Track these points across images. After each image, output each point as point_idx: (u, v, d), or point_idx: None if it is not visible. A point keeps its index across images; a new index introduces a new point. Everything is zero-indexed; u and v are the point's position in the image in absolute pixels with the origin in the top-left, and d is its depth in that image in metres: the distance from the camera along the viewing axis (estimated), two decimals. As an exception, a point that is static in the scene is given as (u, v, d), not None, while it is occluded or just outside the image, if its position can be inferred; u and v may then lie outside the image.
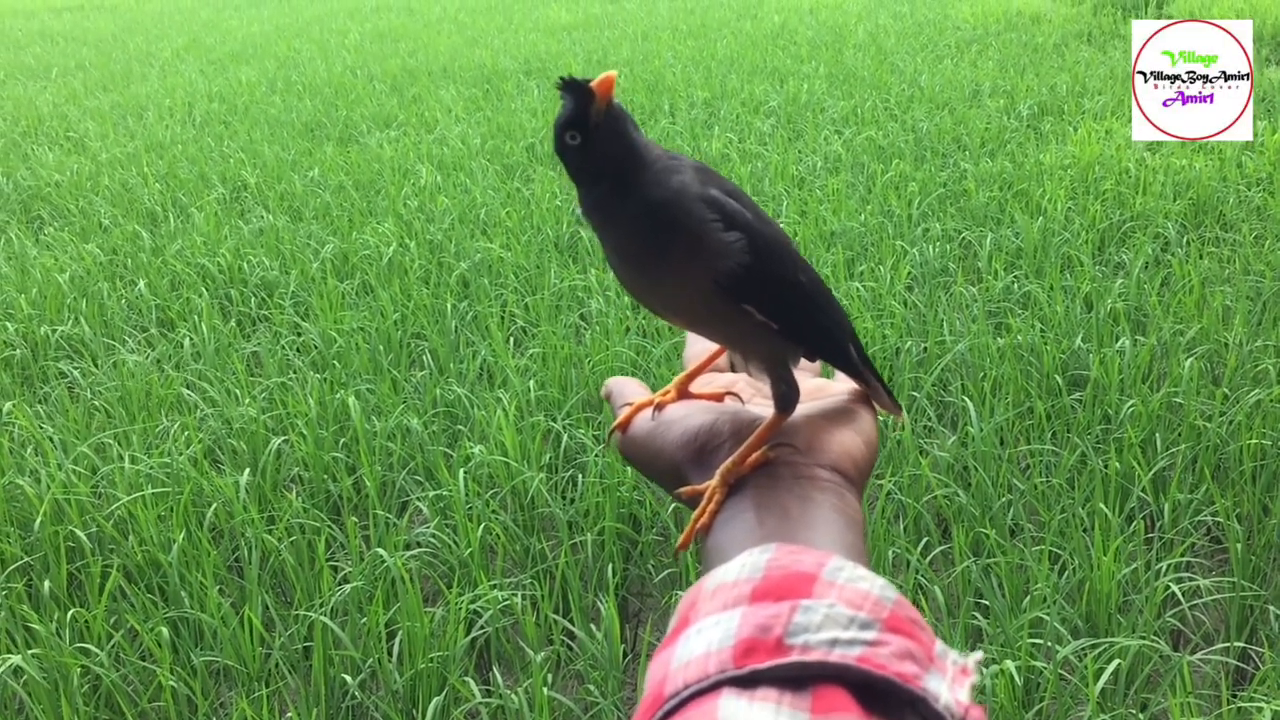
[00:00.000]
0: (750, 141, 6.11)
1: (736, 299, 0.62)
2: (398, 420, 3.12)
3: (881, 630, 0.42)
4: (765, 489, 0.58)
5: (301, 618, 2.43)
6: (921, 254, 4.20)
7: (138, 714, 2.21)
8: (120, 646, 2.34)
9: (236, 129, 7.38)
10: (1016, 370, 3.21)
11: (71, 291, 4.40)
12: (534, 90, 7.98)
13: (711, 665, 0.41)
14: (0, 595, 2.48)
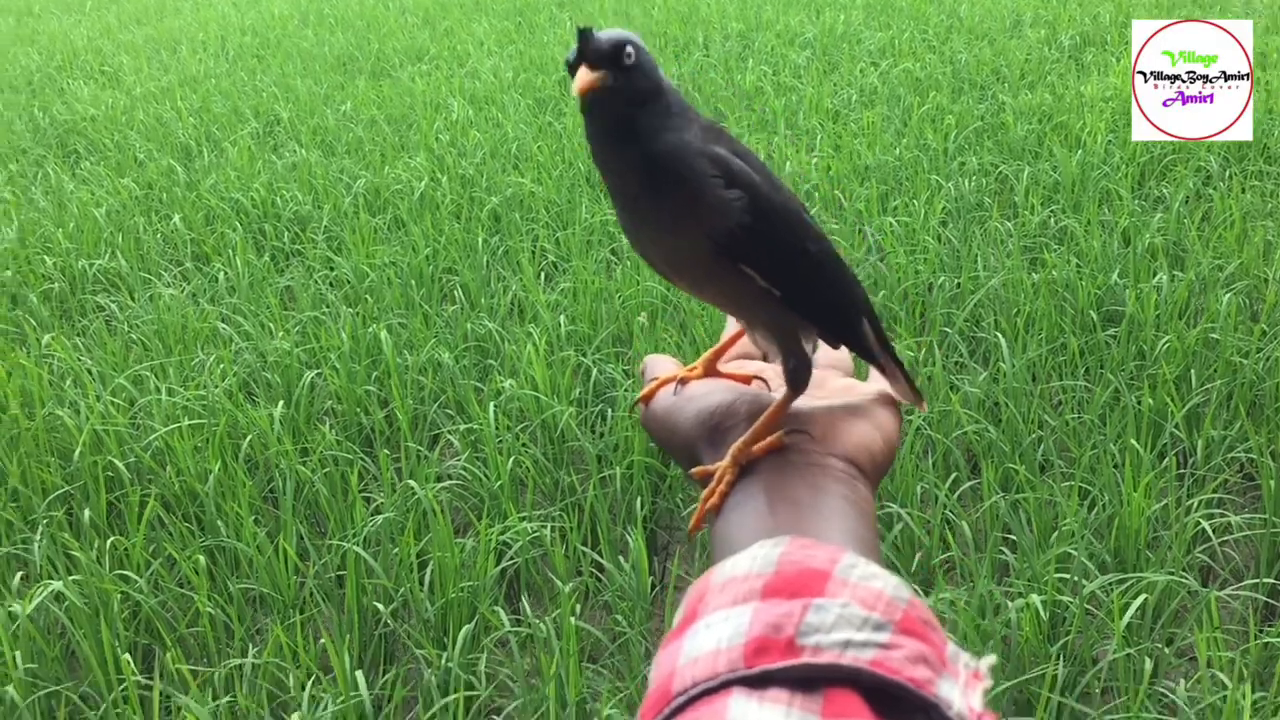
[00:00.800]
0: (785, 74, 6.03)
1: (734, 259, 0.60)
2: (429, 354, 3.14)
3: (895, 632, 0.41)
4: (777, 475, 0.57)
5: (335, 547, 2.47)
6: (957, 188, 4.15)
7: (176, 639, 2.26)
8: (159, 574, 2.39)
9: (269, 62, 7.36)
10: (1050, 306, 3.18)
11: (108, 225, 4.43)
12: (566, 22, 7.89)
13: (721, 663, 0.40)
14: (42, 523, 2.53)
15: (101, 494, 2.60)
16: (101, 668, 2.11)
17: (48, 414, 2.91)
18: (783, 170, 4.39)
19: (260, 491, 2.73)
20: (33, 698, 2.05)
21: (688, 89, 5.83)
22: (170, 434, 2.77)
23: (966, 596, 2.17)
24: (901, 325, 3.22)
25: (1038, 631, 2.07)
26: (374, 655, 2.28)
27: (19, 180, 5.23)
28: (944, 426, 2.75)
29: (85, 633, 2.15)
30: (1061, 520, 2.37)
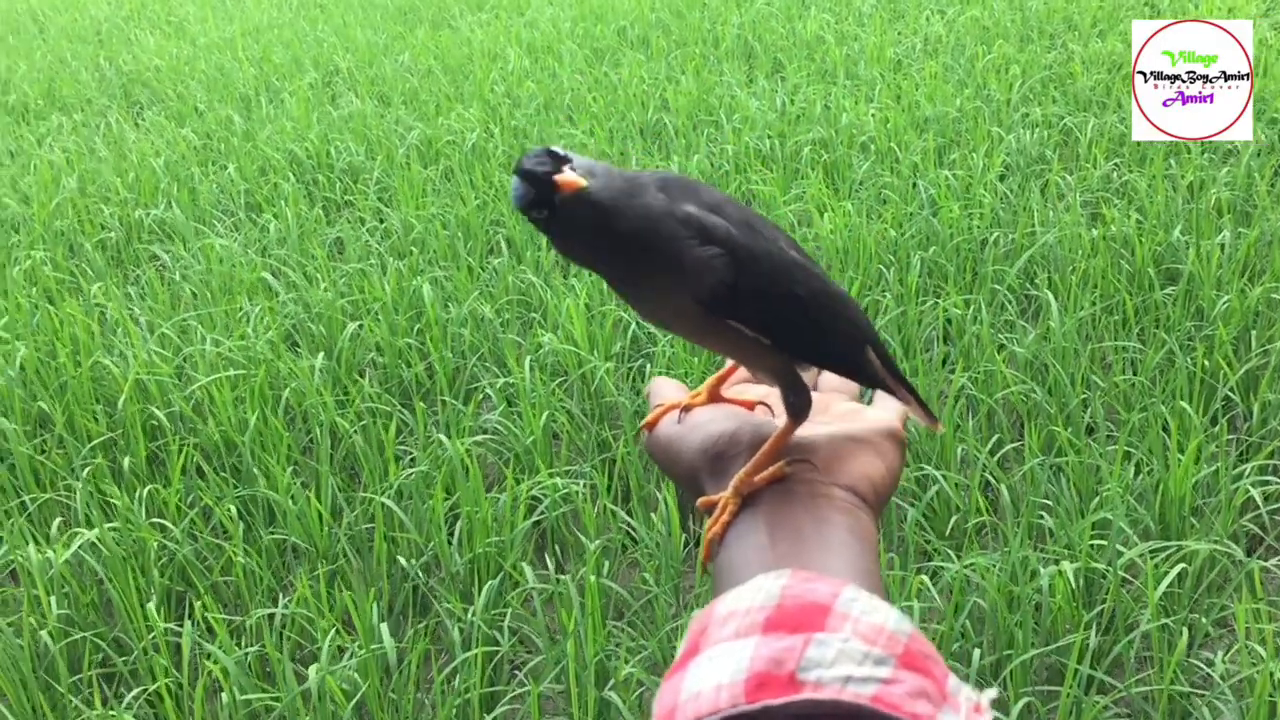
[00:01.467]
0: (848, 22, 5.90)
1: (723, 316, 0.60)
2: (471, 307, 3.13)
3: (896, 667, 0.41)
4: (779, 506, 0.57)
5: (368, 500, 2.48)
6: (1018, 141, 4.03)
7: (209, 587, 2.29)
8: (195, 523, 2.42)
9: (331, 11, 7.37)
10: (1107, 263, 3.08)
11: (165, 176, 4.48)
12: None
13: (723, 699, 0.40)
14: (83, 471, 2.58)
15: (141, 442, 2.64)
16: (131, 615, 2.14)
17: (94, 362, 2.95)
18: (839, 121, 4.30)
19: (299, 443, 2.75)
20: (64, 643, 2.09)
21: (747, 38, 5.73)
22: (212, 384, 2.80)
23: (1000, 562, 2.11)
24: (951, 282, 3.14)
25: (1071, 600, 2.02)
26: (402, 608, 2.29)
27: (82, 130, 5.31)
28: (988, 387, 2.69)
29: (119, 580, 2.19)
30: (1103, 486, 2.31)
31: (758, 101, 4.62)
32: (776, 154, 4.06)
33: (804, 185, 3.83)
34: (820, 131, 4.23)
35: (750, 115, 4.46)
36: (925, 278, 3.18)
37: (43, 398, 2.85)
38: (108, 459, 2.66)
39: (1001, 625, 2.02)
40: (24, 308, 3.30)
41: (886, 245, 3.34)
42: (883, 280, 3.17)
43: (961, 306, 2.94)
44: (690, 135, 4.41)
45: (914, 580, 2.05)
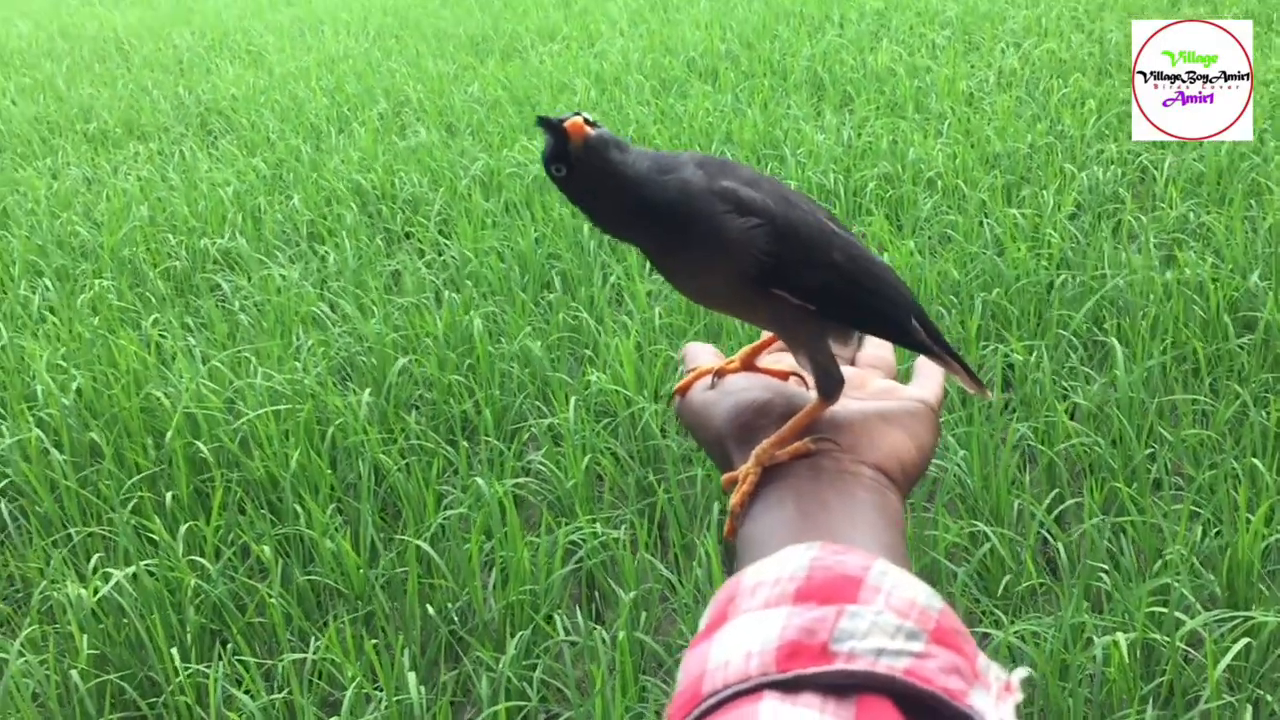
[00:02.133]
0: (921, 55, 5.81)
1: (765, 285, 0.60)
2: (521, 343, 3.10)
3: (928, 642, 0.41)
4: (807, 480, 0.56)
5: (404, 542, 2.44)
6: (1091, 179, 3.91)
7: (242, 628, 2.27)
8: (231, 561, 2.41)
9: (406, 42, 7.46)
10: (1180, 309, 2.96)
11: (233, 205, 4.53)
12: (701, 1, 7.78)
13: (753, 666, 0.40)
14: (128, 505, 2.58)
15: (183, 478, 2.64)
16: (161, 656, 2.12)
17: (145, 394, 2.96)
18: (906, 156, 4.21)
19: (342, 480, 2.73)
20: (93, 683, 2.08)
21: (817, 70, 5.66)
22: (259, 418, 2.79)
23: (1054, 628, 2.01)
24: (1014, 325, 3.04)
25: (1125, 672, 1.91)
26: (435, 655, 2.24)
27: (157, 159, 5.40)
28: (1049, 438, 2.58)
29: (155, 618, 2.18)
30: (1167, 547, 2.19)
31: (824, 135, 4.55)
32: (840, 189, 3.98)
33: (866, 223, 3.75)
34: (886, 166, 4.15)
35: (815, 149, 4.39)
36: (988, 321, 3.08)
37: (95, 428, 2.87)
38: (153, 493, 2.66)
39: (1053, 696, 1.92)
40: (84, 337, 3.34)
41: (948, 286, 3.25)
42: (943, 322, 3.07)
43: (1023, 352, 2.84)
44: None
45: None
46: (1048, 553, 2.38)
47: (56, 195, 4.84)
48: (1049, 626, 2.04)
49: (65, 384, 3.04)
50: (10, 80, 7.35)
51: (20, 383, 3.15)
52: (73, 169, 5.30)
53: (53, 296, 3.78)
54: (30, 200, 4.79)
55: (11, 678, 2.02)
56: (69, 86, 7.01)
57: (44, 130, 6.12)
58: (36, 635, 2.22)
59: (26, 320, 3.62)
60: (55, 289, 3.84)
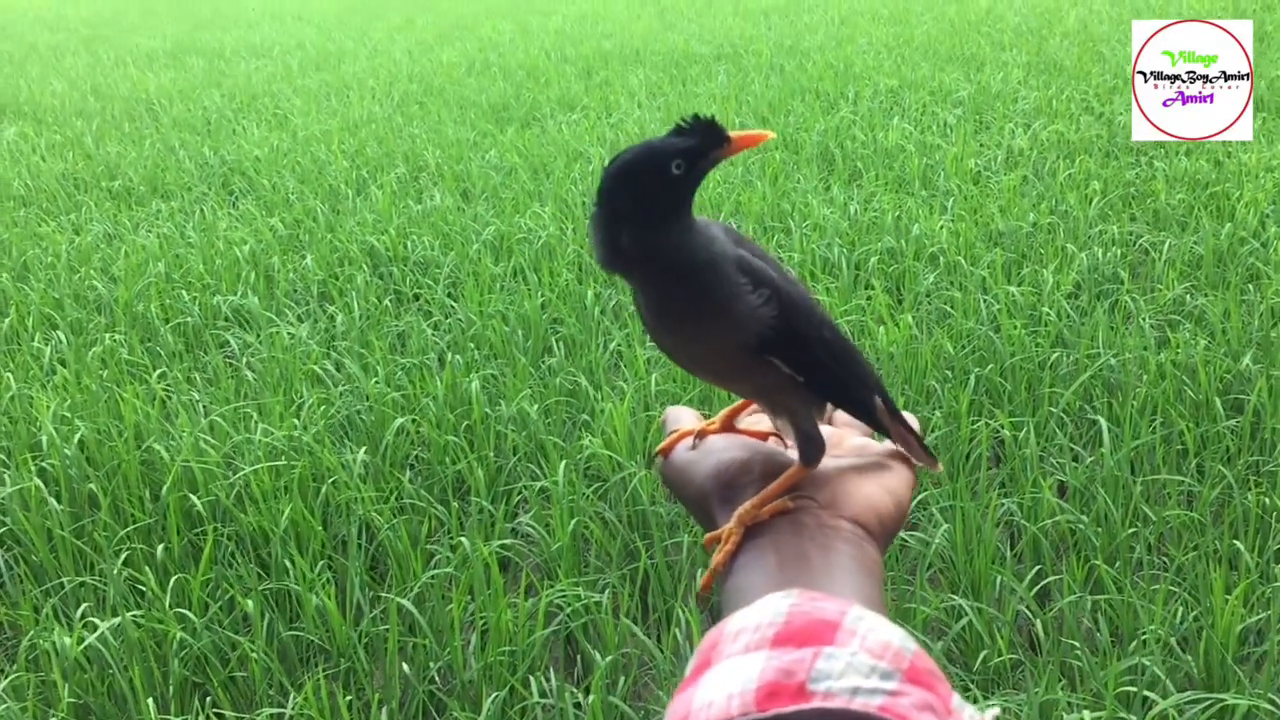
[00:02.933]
0: (931, 133, 5.88)
1: (762, 353, 0.63)
2: (519, 406, 3.14)
3: (902, 681, 0.42)
4: (787, 535, 0.59)
5: (389, 600, 2.47)
6: (1091, 258, 3.94)
7: (223, 681, 2.29)
8: (216, 615, 2.44)
9: (429, 108, 7.60)
10: (1172, 389, 2.97)
11: (248, 264, 4.61)
12: (720, 75, 7.91)
13: (734, 707, 0.42)
14: (119, 556, 2.61)
15: (173, 532, 2.67)
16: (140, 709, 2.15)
17: (145, 448, 3.01)
18: (910, 232, 4.26)
19: (333, 536, 2.76)
20: (72, 730, 2.10)
21: (828, 145, 5.75)
22: (254, 474, 2.83)
23: (1026, 705, 2.01)
24: (1007, 400, 3.06)
25: (1096, 750, 1.91)
26: (412, 713, 2.26)
27: (178, 216, 5.51)
28: (1034, 514, 2.59)
29: (136, 669, 2.20)
30: (1144, 626, 2.19)
31: (830, 209, 4.62)
32: (843, 263, 4.03)
33: (867, 296, 3.79)
34: (890, 241, 4.20)
35: (821, 222, 4.45)
36: (980, 396, 3.11)
37: (94, 479, 2.92)
38: (146, 544, 2.70)
39: (1022, 773, 1.92)
40: (91, 389, 3.40)
41: (944, 360, 3.28)
42: (934, 396, 3.10)
43: (1012, 428, 2.86)
44: (760, 240, 4.41)
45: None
46: (1026, 628, 2.38)
47: (77, 250, 4.94)
48: (1022, 704, 2.04)
49: (69, 435, 3.10)
50: (41, 137, 7.53)
51: (26, 432, 3.21)
52: (95, 225, 5.41)
53: (65, 349, 3.85)
54: (51, 254, 4.89)
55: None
56: (97, 144, 7.17)
57: (70, 186, 6.25)
58: (21, 682, 2.25)
59: (38, 372, 3.69)
60: (68, 341, 3.92)
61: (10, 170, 6.55)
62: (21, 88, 9.73)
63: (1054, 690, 2.05)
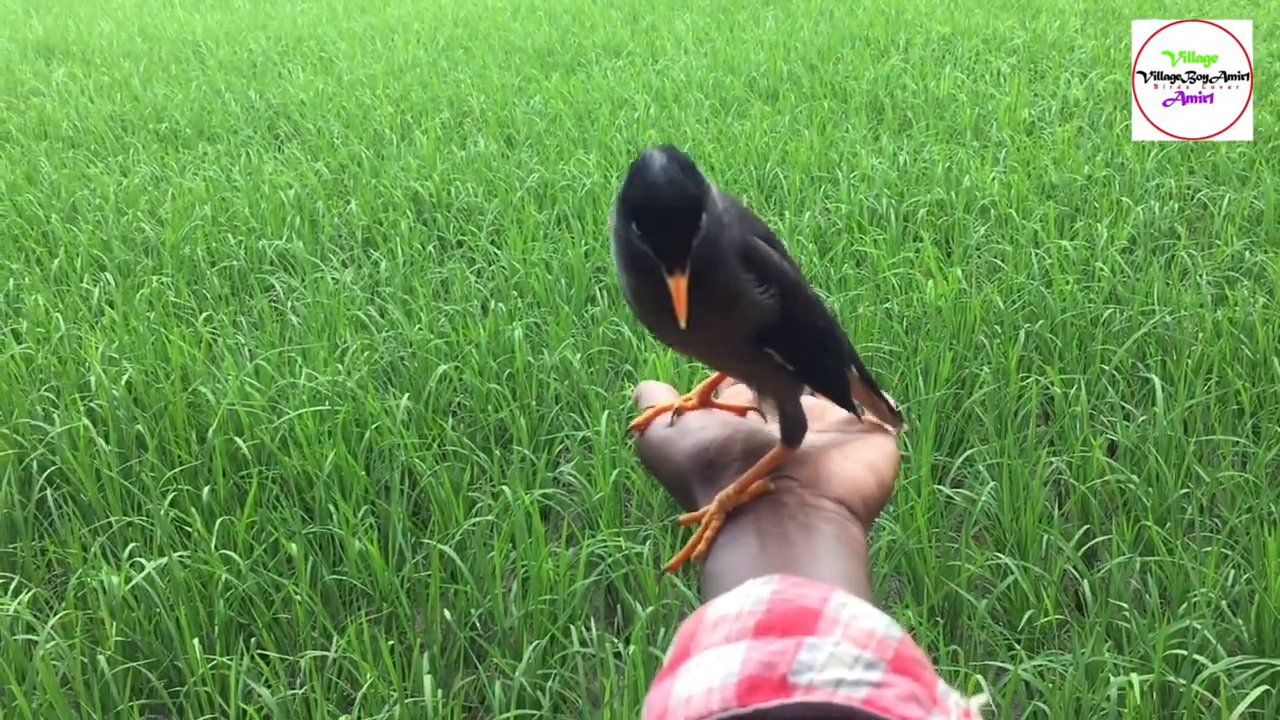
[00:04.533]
0: (984, 82, 5.77)
1: (760, 343, 0.61)
2: (561, 355, 3.12)
3: (887, 671, 0.41)
4: (768, 516, 0.57)
5: (432, 546, 2.48)
6: (1147, 213, 3.86)
7: (268, 623, 2.31)
8: (262, 557, 2.45)
9: (474, 53, 7.55)
10: (1228, 348, 2.91)
11: (293, 208, 4.61)
12: (768, 21, 7.79)
13: (715, 701, 0.41)
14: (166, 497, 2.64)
15: (219, 474, 2.69)
16: (187, 647, 2.17)
17: (192, 390, 3.03)
18: (960, 184, 4.19)
19: (376, 482, 2.77)
20: (119, 668, 2.13)
21: (878, 94, 5.65)
22: (298, 418, 2.84)
23: (1071, 666, 1.99)
24: (1058, 357, 3.01)
25: (1143, 713, 1.88)
26: (453, 659, 2.27)
27: (224, 160, 5.52)
28: (1083, 473, 2.55)
29: (182, 609, 2.23)
30: (1193, 589, 2.16)
31: (879, 160, 4.54)
32: (890, 214, 3.97)
33: (915, 249, 3.73)
34: (940, 193, 4.13)
35: (869, 173, 4.38)
36: (1030, 352, 3.06)
37: (141, 421, 2.94)
38: (192, 486, 2.72)
39: (1066, 734, 1.90)
40: (139, 331, 3.42)
41: (993, 315, 3.23)
42: (983, 352, 3.05)
43: (1062, 385, 2.81)
44: (807, 190, 4.36)
45: (971, 680, 1.94)
46: (1073, 589, 2.36)
47: (125, 192, 4.97)
48: (1067, 664, 2.01)
49: (117, 376, 3.12)
50: (90, 78, 7.55)
51: (75, 373, 3.24)
52: (142, 167, 5.43)
53: (113, 290, 3.88)
54: (99, 196, 4.92)
55: (41, 659, 2.07)
56: (145, 86, 7.19)
57: (117, 128, 6.27)
58: (70, 620, 2.28)
59: (86, 313, 3.72)
60: (116, 283, 3.94)
61: (59, 111, 6.58)
62: (70, 28, 9.76)
63: (1100, 652, 2.02)
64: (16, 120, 6.50)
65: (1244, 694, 1.87)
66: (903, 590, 2.38)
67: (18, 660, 2.20)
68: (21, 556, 2.60)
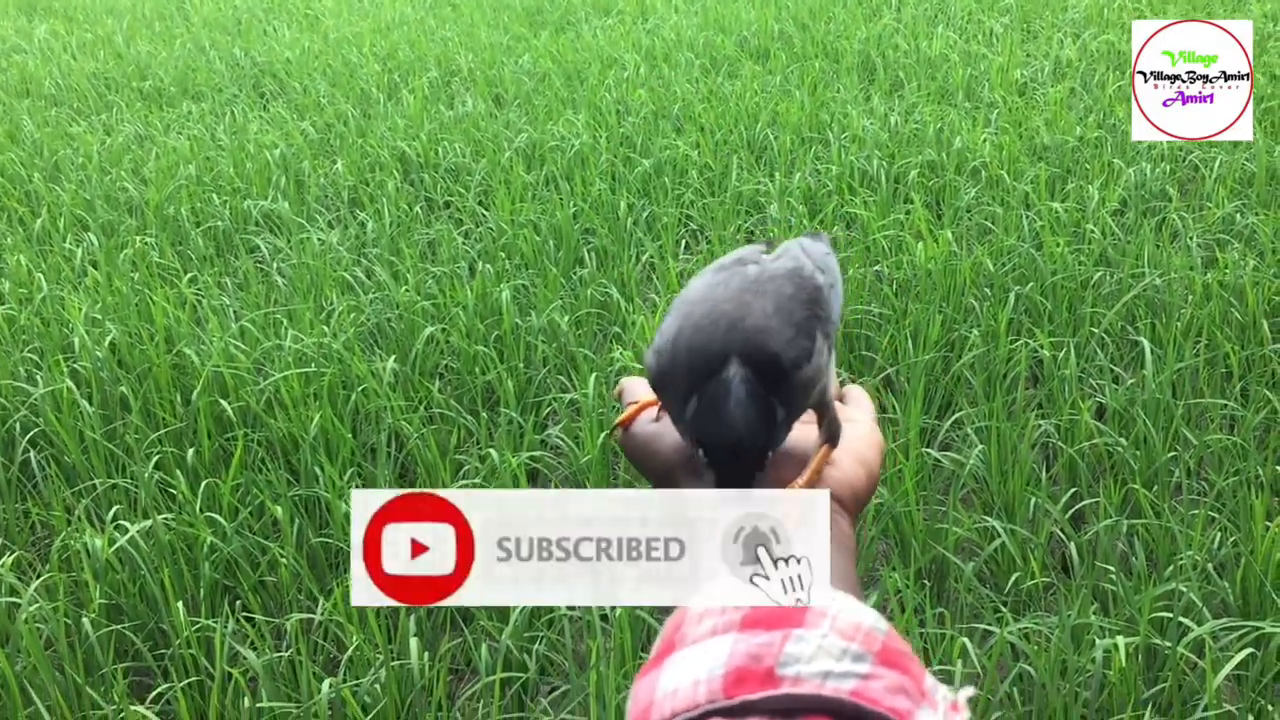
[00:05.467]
0: (976, 42, 5.72)
1: None
2: (549, 316, 3.10)
3: (874, 663, 0.41)
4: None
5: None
6: (1138, 174, 3.84)
7: (253, 585, 2.30)
8: (246, 520, 2.44)
9: (461, 10, 7.46)
10: (1217, 311, 2.90)
11: (278, 168, 4.57)
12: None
13: (701, 694, 0.41)
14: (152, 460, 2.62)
15: (204, 436, 2.67)
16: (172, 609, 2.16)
17: (176, 352, 3.01)
18: (951, 145, 4.16)
19: (362, 444, 2.76)
20: (103, 631, 2.12)
21: (870, 54, 5.60)
22: (284, 380, 2.82)
23: (1057, 628, 1.99)
24: (1047, 320, 3.00)
25: (1128, 675, 1.89)
26: (439, 621, 2.27)
27: (208, 118, 5.46)
28: (1071, 436, 2.55)
29: (166, 572, 2.22)
30: (1180, 552, 2.16)
31: (870, 120, 4.51)
32: (881, 176, 3.94)
33: (906, 210, 3.71)
34: (931, 154, 4.11)
35: (860, 134, 4.35)
36: (1020, 315, 3.05)
37: (125, 382, 2.92)
38: (176, 448, 2.70)
39: (1052, 696, 1.90)
40: (123, 292, 3.39)
41: (983, 278, 3.21)
42: (972, 315, 3.04)
43: (1051, 348, 2.80)
44: (797, 151, 4.33)
45: (957, 643, 1.94)
46: (1059, 551, 2.36)
47: (108, 151, 4.91)
48: (1053, 626, 2.02)
49: (100, 337, 3.10)
50: (72, 35, 7.46)
51: (58, 334, 3.21)
52: (126, 126, 5.37)
53: (96, 251, 3.84)
54: (82, 155, 4.87)
55: (24, 621, 2.06)
56: (128, 43, 7.10)
57: (101, 86, 6.20)
58: (53, 582, 2.27)
59: (69, 273, 3.69)
60: (99, 243, 3.90)
61: (42, 69, 6.50)
62: (52, -15, 9.63)
63: (1086, 614, 2.03)
64: (-2, 78, 6.42)
65: (1229, 656, 1.87)
66: (890, 553, 2.38)
67: (1, 623, 2.19)
68: (4, 519, 2.59)
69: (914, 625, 2.04)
